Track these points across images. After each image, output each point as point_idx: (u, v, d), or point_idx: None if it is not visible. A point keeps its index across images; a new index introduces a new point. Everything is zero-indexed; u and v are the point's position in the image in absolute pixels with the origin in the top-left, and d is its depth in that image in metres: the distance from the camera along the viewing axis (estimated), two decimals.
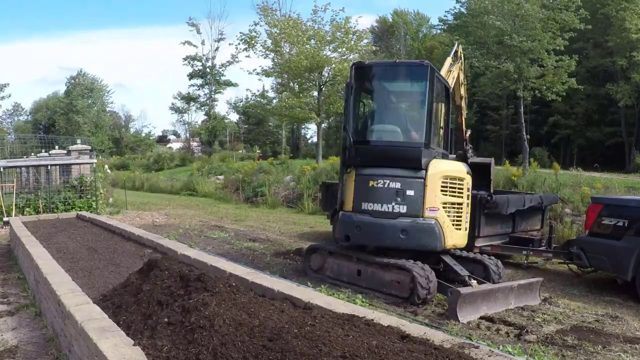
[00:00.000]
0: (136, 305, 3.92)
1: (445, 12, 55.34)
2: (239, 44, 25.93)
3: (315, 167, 19.35)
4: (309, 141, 50.92)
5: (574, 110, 31.23)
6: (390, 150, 6.49)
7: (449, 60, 8.18)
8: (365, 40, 25.38)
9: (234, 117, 55.06)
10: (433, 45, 37.95)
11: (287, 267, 8.12)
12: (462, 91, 9.07)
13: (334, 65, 22.14)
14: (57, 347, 4.42)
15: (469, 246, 7.50)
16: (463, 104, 9.18)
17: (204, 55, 44.17)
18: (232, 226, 12.83)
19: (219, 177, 25.59)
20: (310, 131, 49.31)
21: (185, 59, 43.75)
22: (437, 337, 3.16)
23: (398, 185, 6.27)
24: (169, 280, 4.15)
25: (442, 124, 7.10)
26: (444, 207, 6.37)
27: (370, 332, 3.23)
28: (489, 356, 2.89)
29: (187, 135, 54.87)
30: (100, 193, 14.92)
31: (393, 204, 6.25)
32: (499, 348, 4.47)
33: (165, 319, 3.46)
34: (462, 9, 31.88)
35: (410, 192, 6.26)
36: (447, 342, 3.05)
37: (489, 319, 5.55)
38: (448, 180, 6.46)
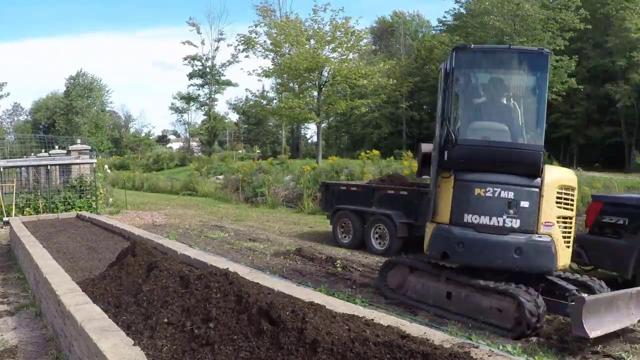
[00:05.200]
0: (136, 306, 3.92)
1: (445, 12, 55.33)
2: (238, 45, 25.98)
3: (315, 167, 19.35)
4: (309, 141, 50.96)
5: (574, 109, 31.22)
6: (504, 153, 5.43)
7: None
8: (365, 40, 25.40)
9: (233, 117, 55.15)
10: (433, 45, 37.90)
11: (287, 267, 8.12)
12: None
13: (333, 66, 22.16)
14: (57, 347, 4.42)
15: None
16: None
17: (204, 55, 44.20)
18: (232, 226, 12.83)
19: (219, 177, 25.59)
20: (310, 131, 49.38)
21: (185, 59, 43.79)
22: (437, 336, 3.15)
23: (511, 194, 5.29)
24: (169, 280, 4.15)
25: None
26: (557, 222, 5.44)
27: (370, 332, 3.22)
28: (489, 356, 2.89)
29: (187, 135, 54.88)
30: (100, 193, 14.94)
31: (504, 216, 5.29)
32: (499, 348, 4.47)
33: (165, 319, 3.46)
34: (462, 10, 31.88)
35: (524, 204, 5.30)
36: (447, 342, 3.04)
37: None
38: (563, 191, 5.54)
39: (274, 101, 29.51)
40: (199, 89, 45.41)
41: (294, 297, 3.76)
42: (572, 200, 5.66)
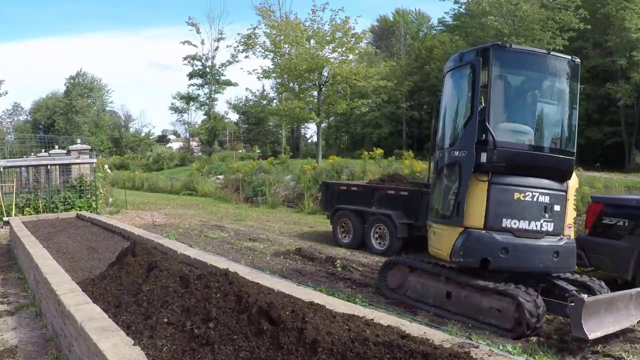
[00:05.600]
0: (136, 305, 3.92)
1: (444, 12, 55.36)
2: (237, 46, 25.97)
3: (315, 167, 19.35)
4: (309, 141, 50.95)
5: None
6: (545, 158, 5.58)
7: None
8: (365, 41, 25.42)
9: (233, 117, 55.13)
10: (433, 44, 37.91)
11: (287, 267, 8.12)
12: None
13: (332, 67, 22.16)
14: (57, 346, 4.42)
15: None
16: None
17: (203, 54, 44.18)
18: (232, 226, 12.83)
19: (219, 177, 25.59)
20: (310, 131, 49.37)
21: (185, 59, 43.77)
22: (437, 336, 3.16)
23: (547, 199, 5.42)
24: (169, 280, 4.15)
25: None
26: (573, 223, 5.79)
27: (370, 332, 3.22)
28: (489, 356, 2.89)
29: (187, 135, 54.88)
30: (100, 193, 14.94)
31: (541, 220, 5.39)
32: (499, 348, 4.47)
33: (165, 319, 3.46)
34: (462, 10, 31.87)
35: (557, 207, 5.49)
36: (447, 341, 3.05)
37: None
38: (575, 193, 5.90)
39: (274, 101, 29.50)
40: (198, 89, 45.44)
41: (294, 297, 3.76)
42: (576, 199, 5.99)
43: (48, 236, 8.34)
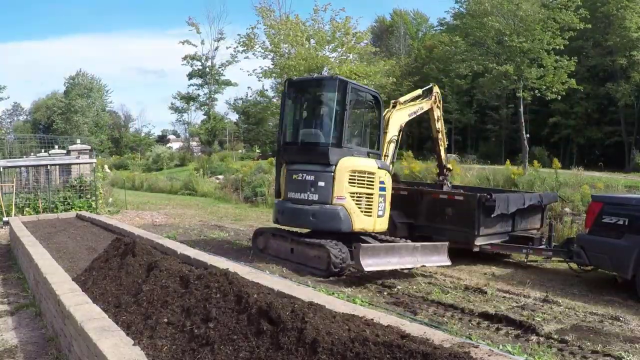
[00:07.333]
0: (136, 305, 3.92)
1: (445, 12, 55.30)
2: (237, 46, 25.90)
3: None
4: None
5: (573, 109, 31.24)
6: (306, 148, 7.91)
7: (418, 92, 9.49)
8: (365, 41, 25.34)
9: (233, 117, 55.11)
10: (433, 44, 37.94)
11: (286, 266, 8.10)
12: (438, 126, 9.97)
13: (331, 66, 22.10)
14: (57, 347, 4.42)
15: (468, 245, 7.95)
16: (440, 136, 10.11)
17: (203, 54, 44.16)
18: (232, 226, 12.83)
19: (219, 176, 25.58)
20: None
21: (184, 59, 43.74)
22: (437, 336, 3.15)
23: (312, 177, 7.65)
24: (168, 280, 4.15)
25: (366, 128, 8.78)
26: (351, 196, 7.58)
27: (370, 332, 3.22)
28: (489, 355, 2.88)
29: (187, 135, 54.86)
30: (100, 193, 14.92)
31: (308, 193, 7.65)
32: (498, 347, 4.47)
33: (165, 319, 3.46)
34: (462, 9, 31.85)
35: (321, 183, 7.57)
36: (446, 341, 3.04)
37: (488, 316, 5.56)
38: (356, 174, 7.63)
39: (274, 99, 29.44)
40: (198, 89, 45.41)
41: (293, 297, 3.77)
42: (368, 180, 7.73)
43: (48, 236, 8.33)
